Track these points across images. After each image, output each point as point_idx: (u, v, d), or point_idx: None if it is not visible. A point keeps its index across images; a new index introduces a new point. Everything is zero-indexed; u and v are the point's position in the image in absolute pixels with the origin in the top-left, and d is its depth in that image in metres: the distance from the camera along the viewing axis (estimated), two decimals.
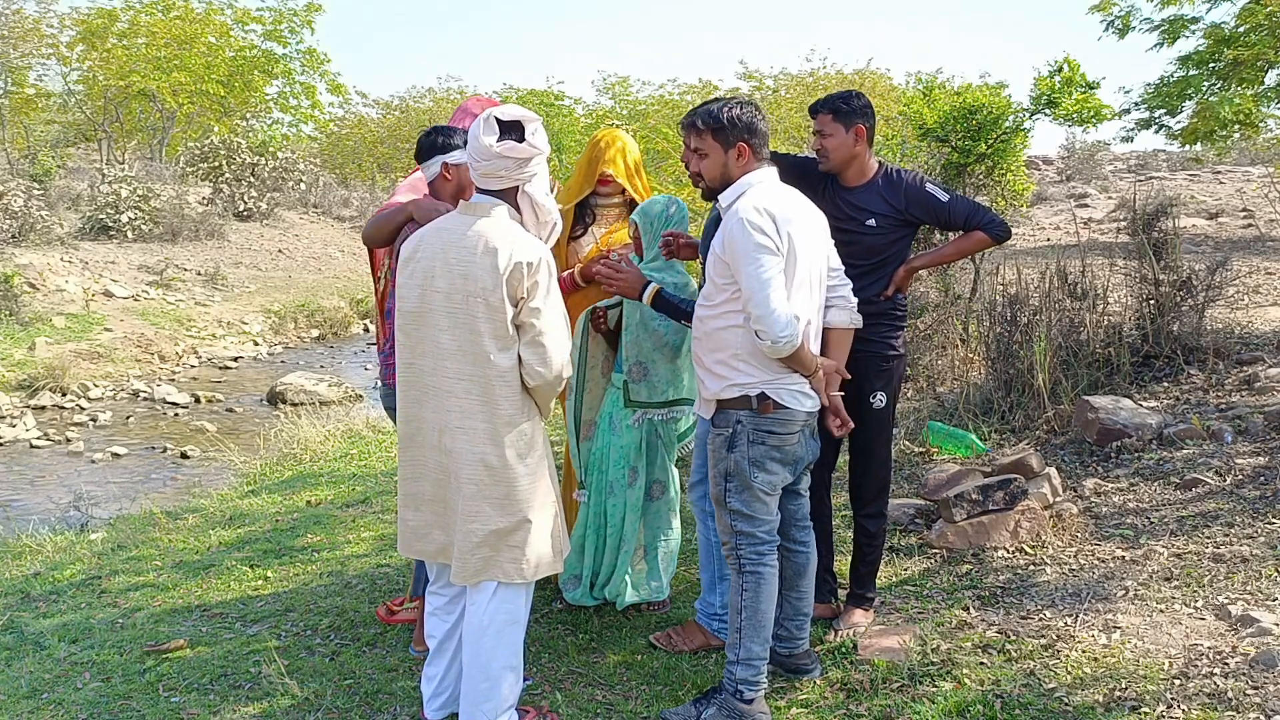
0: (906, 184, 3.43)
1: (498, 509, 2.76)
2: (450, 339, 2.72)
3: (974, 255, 7.77)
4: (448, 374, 2.74)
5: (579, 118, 21.51)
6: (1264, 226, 12.82)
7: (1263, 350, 5.93)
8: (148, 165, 24.44)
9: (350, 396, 10.84)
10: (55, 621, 4.18)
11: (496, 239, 2.69)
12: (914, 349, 6.98)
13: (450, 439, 2.76)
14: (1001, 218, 3.53)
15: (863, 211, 3.41)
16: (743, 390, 2.92)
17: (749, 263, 2.80)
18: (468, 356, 2.72)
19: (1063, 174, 25.74)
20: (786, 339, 2.78)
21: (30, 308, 12.78)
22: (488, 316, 2.69)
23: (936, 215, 3.46)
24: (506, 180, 2.74)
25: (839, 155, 3.41)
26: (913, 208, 3.42)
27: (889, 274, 3.45)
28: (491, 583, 2.80)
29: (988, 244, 3.55)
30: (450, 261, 2.71)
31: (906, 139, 9.84)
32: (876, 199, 3.42)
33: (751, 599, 2.98)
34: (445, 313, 2.72)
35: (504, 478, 2.77)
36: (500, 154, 2.68)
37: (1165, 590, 3.57)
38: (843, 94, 3.43)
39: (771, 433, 2.94)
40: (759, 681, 3.00)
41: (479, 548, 2.76)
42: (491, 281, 2.67)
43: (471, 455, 2.75)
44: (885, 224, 3.41)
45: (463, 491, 2.76)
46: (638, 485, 3.61)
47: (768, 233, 2.81)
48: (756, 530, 2.99)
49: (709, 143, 2.99)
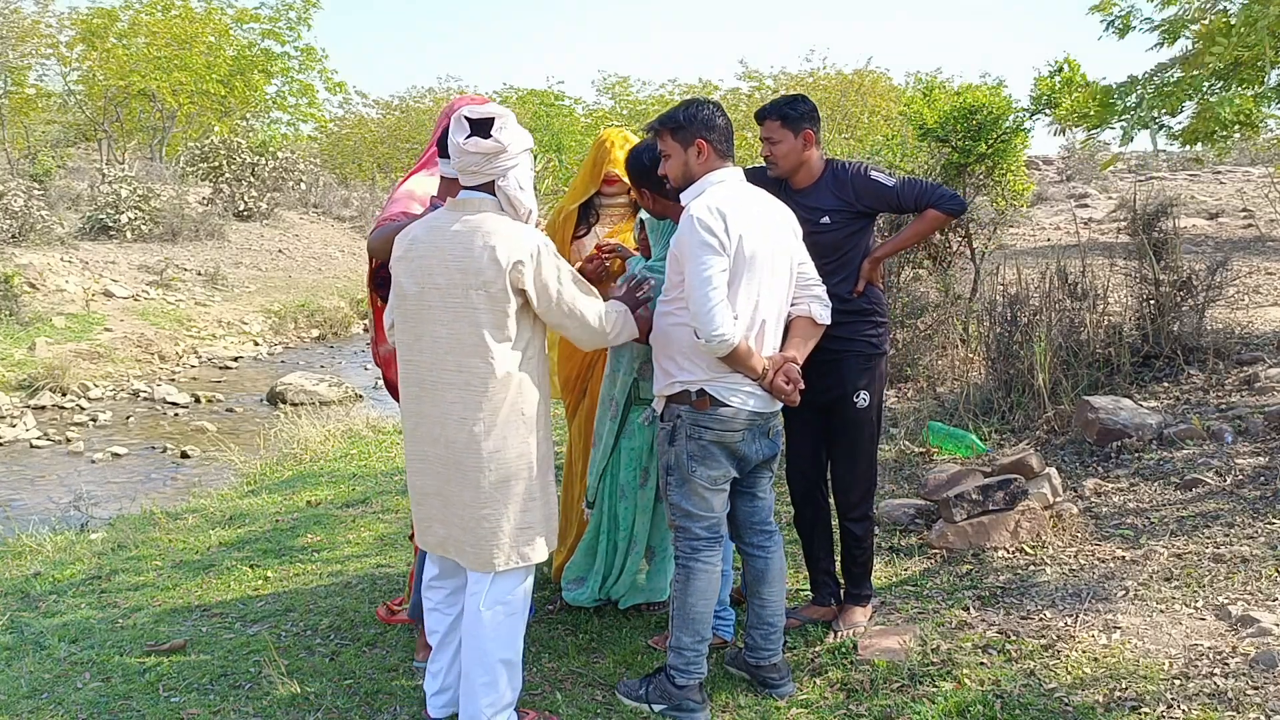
0: (852, 175, 3.42)
1: (506, 497, 2.81)
2: (449, 332, 2.76)
3: (974, 255, 7.80)
4: (447, 367, 2.78)
5: (579, 118, 21.51)
6: (1264, 226, 12.82)
7: (1263, 350, 5.93)
8: (148, 165, 24.42)
9: (350, 396, 10.85)
10: (55, 621, 4.18)
11: (495, 233, 2.74)
12: (914, 349, 6.98)
13: (453, 431, 2.79)
14: (953, 191, 3.49)
15: (815, 211, 3.40)
16: (684, 386, 2.98)
17: (692, 260, 2.85)
18: (467, 349, 2.76)
19: (1063, 174, 25.73)
20: (720, 338, 2.82)
21: (30, 308, 12.79)
22: (488, 307, 2.73)
23: (886, 201, 3.44)
24: (481, 175, 2.79)
25: (788, 161, 3.41)
26: (863, 198, 3.40)
27: (855, 269, 3.44)
28: (489, 573, 2.84)
29: (943, 220, 3.53)
30: (448, 257, 2.75)
31: (906, 139, 9.84)
32: (827, 196, 3.42)
33: (681, 591, 3.07)
34: (444, 307, 2.76)
35: (510, 467, 2.81)
36: (468, 150, 2.74)
37: (1165, 590, 3.57)
38: (788, 99, 3.40)
39: (709, 428, 2.97)
40: (689, 671, 3.07)
41: (493, 535, 2.81)
42: (493, 273, 2.70)
43: (475, 446, 2.78)
44: (839, 219, 3.40)
45: (469, 481, 2.80)
46: (648, 486, 3.61)
47: (715, 232, 2.85)
48: (693, 525, 3.04)
49: (669, 143, 3.05)
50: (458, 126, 2.76)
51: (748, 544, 3.23)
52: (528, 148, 2.84)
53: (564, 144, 14.43)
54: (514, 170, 2.80)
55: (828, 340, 3.29)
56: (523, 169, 2.83)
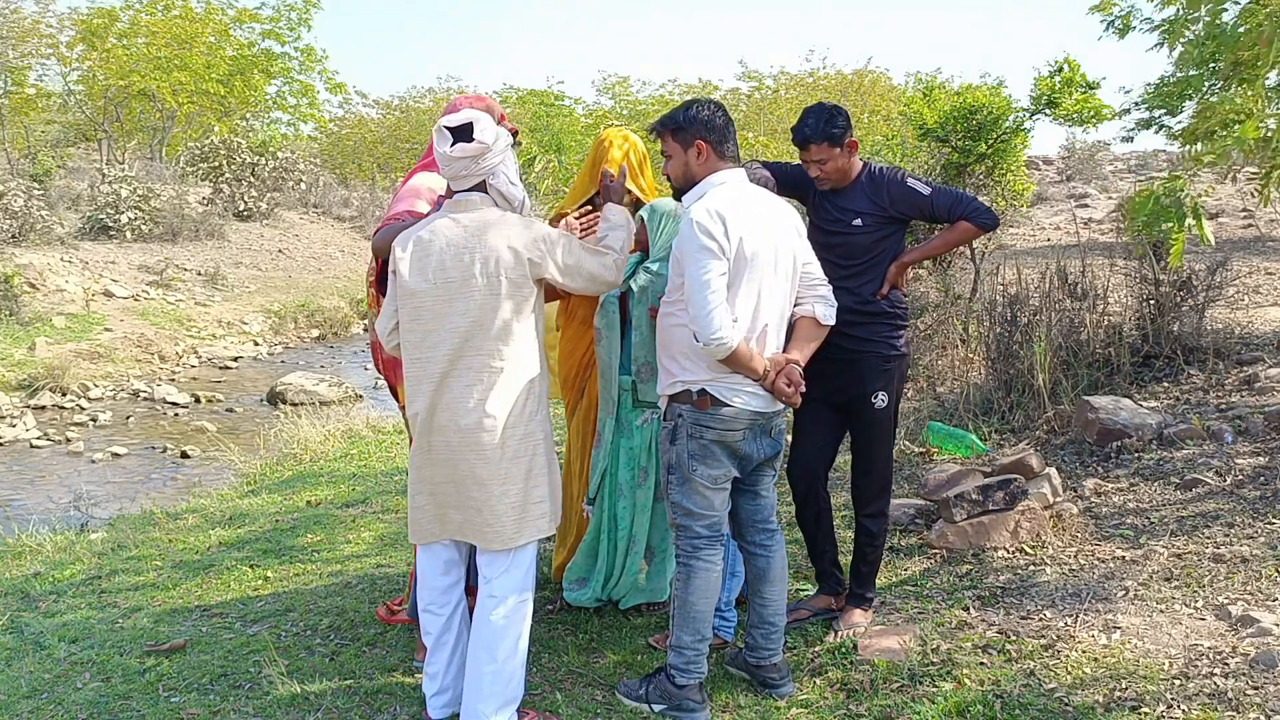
0: (888, 181, 3.44)
1: (521, 473, 2.90)
2: (469, 322, 2.84)
3: (974, 255, 7.81)
4: (466, 354, 2.85)
5: (579, 118, 21.49)
6: (1264, 226, 12.82)
7: (1263, 350, 5.93)
8: (148, 165, 24.41)
9: (350, 396, 10.84)
10: (55, 621, 4.18)
11: (508, 225, 2.87)
12: (914, 349, 6.98)
13: (468, 416, 2.84)
14: (986, 205, 3.51)
15: (848, 212, 3.43)
16: (685, 386, 3.00)
17: (692, 263, 2.87)
18: (490, 336, 2.85)
19: (1063, 174, 25.72)
20: (718, 341, 2.84)
21: (30, 308, 12.79)
22: (510, 294, 2.85)
23: (920, 209, 3.46)
24: (473, 177, 2.89)
25: (838, 176, 3.44)
26: (897, 204, 3.43)
27: (882, 273, 3.45)
28: (505, 557, 2.91)
29: (974, 233, 3.54)
30: (461, 252, 2.84)
31: (906, 139, 9.85)
32: (862, 199, 3.43)
33: (682, 590, 3.08)
34: (462, 298, 2.83)
35: (523, 444, 2.90)
36: (455, 157, 2.84)
37: (1165, 590, 3.57)
38: (827, 116, 3.37)
39: (710, 428, 2.98)
40: (689, 670, 3.08)
41: (509, 510, 2.88)
42: (513, 262, 2.84)
43: (493, 427, 2.85)
44: (871, 222, 3.42)
45: (486, 461, 2.86)
46: (647, 485, 3.61)
47: (714, 235, 2.87)
48: (694, 524, 3.05)
49: (670, 144, 3.09)
50: (440, 138, 2.87)
51: (749, 543, 3.24)
52: (508, 143, 2.96)
53: (564, 144, 14.40)
54: (500, 166, 2.91)
55: (848, 340, 3.33)
56: (508, 163, 2.95)
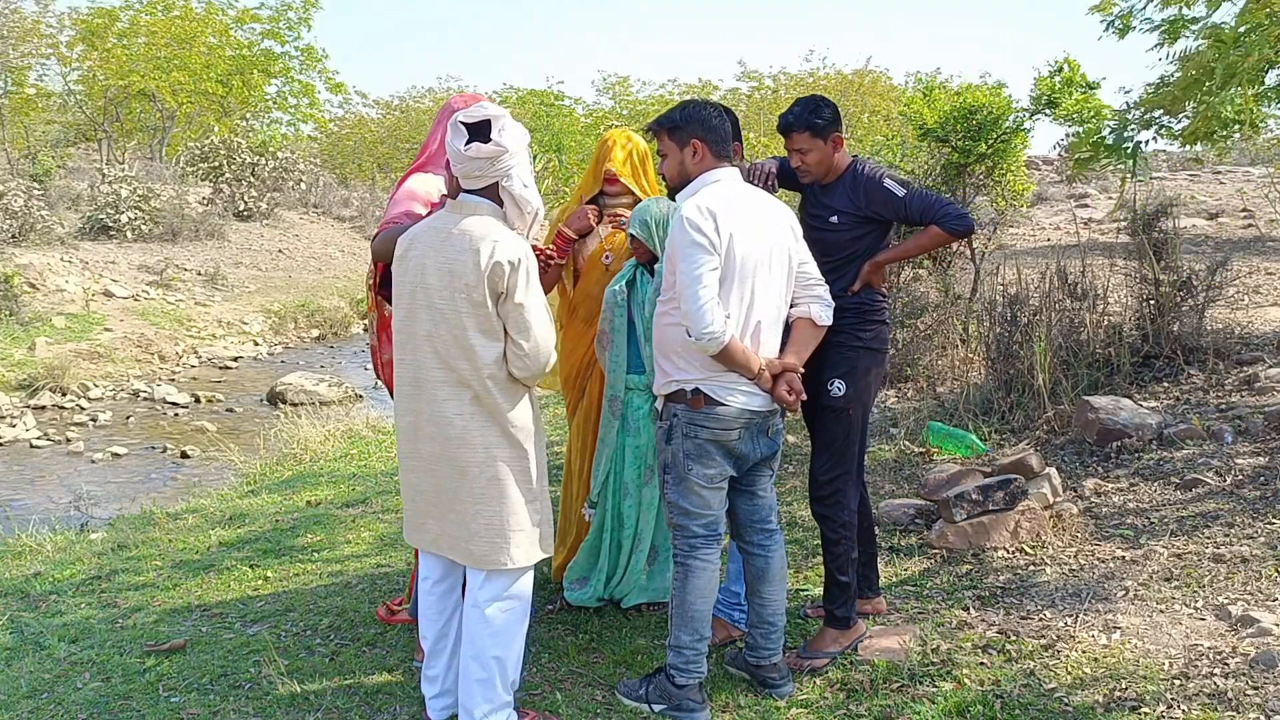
0: (866, 180, 3.40)
1: (500, 496, 2.82)
2: (443, 332, 2.78)
3: (974, 255, 7.80)
4: (440, 366, 2.80)
5: (579, 118, 21.51)
6: (1264, 226, 12.82)
7: (1263, 350, 5.93)
8: (148, 165, 24.42)
9: (350, 396, 10.84)
10: (55, 621, 4.18)
11: (480, 237, 2.75)
12: (914, 349, 6.99)
13: (447, 429, 2.81)
14: (961, 210, 3.46)
15: (827, 209, 3.42)
16: (679, 385, 3.00)
17: (683, 259, 2.88)
18: (454, 350, 2.78)
19: (1062, 174, 25.70)
20: (709, 336, 2.84)
21: (30, 308, 12.78)
22: (471, 311, 2.75)
23: (894, 210, 3.42)
24: (485, 179, 2.80)
25: (820, 169, 3.42)
26: (873, 204, 3.39)
27: (856, 270, 3.42)
28: (484, 571, 2.85)
29: (945, 239, 3.51)
30: (440, 258, 2.78)
31: (906, 139, 9.85)
32: (842, 197, 3.41)
33: (679, 589, 3.07)
34: (436, 307, 2.78)
35: (503, 468, 2.82)
36: (471, 157, 2.75)
37: (1165, 590, 3.57)
38: (812, 107, 3.36)
39: (705, 427, 2.98)
40: (688, 670, 3.07)
41: (486, 532, 2.82)
42: (474, 278, 2.73)
43: (469, 444, 2.80)
44: (847, 221, 3.40)
45: (464, 478, 2.81)
46: (653, 484, 3.61)
47: (705, 232, 2.87)
48: (690, 524, 3.05)
49: (667, 143, 3.10)
50: (455, 133, 2.77)
51: (748, 542, 3.23)
52: (526, 141, 2.87)
53: (564, 144, 14.42)
54: (516, 170, 2.82)
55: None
56: (523, 167, 2.85)
